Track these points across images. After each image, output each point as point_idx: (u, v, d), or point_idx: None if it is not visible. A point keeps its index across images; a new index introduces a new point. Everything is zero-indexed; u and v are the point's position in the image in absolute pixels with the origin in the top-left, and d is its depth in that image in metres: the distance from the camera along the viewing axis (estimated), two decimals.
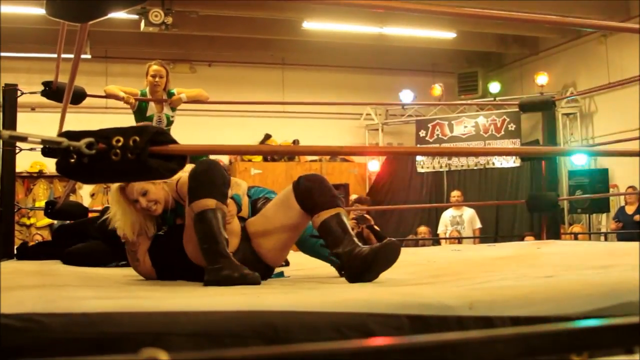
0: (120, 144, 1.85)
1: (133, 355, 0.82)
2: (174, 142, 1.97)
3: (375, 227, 6.81)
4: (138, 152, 1.84)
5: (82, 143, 1.82)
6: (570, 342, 1.09)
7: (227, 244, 2.79)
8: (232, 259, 2.72)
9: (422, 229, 11.04)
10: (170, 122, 6.06)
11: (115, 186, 3.20)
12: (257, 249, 2.99)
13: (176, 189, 3.21)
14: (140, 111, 5.92)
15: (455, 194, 11.13)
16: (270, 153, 3.01)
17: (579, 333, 1.12)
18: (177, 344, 1.43)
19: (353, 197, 10.73)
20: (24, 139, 1.74)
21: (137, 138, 1.86)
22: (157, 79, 5.93)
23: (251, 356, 0.87)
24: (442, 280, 2.54)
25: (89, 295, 2.03)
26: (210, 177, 2.88)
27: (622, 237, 9.86)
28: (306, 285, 2.61)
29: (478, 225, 10.87)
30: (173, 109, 6.11)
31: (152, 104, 5.94)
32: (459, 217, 10.83)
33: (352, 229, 6.30)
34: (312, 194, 2.89)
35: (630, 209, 10.71)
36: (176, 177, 3.22)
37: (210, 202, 2.80)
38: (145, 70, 6.02)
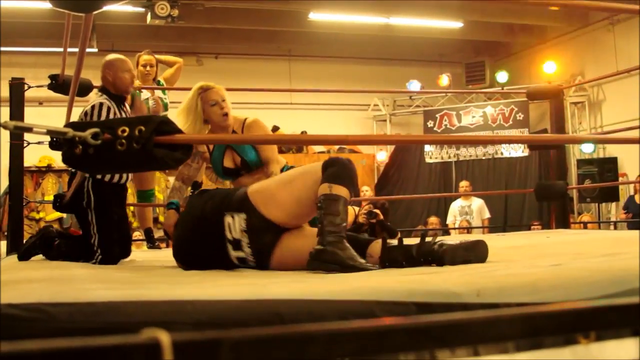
0: (125, 134, 1.85)
1: (134, 336, 0.82)
2: (180, 131, 1.98)
3: (386, 222, 6.74)
4: (143, 142, 1.84)
5: (88, 133, 1.82)
6: (575, 322, 1.09)
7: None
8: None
9: (433, 220, 11.03)
10: (166, 105, 6.10)
11: (196, 87, 3.69)
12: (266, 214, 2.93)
13: (245, 124, 3.70)
14: (133, 99, 5.94)
15: (464, 184, 11.12)
16: (277, 142, 3.01)
17: (584, 313, 1.11)
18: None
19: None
20: (29, 129, 1.75)
21: (143, 128, 1.86)
22: (148, 68, 6.02)
23: (251, 337, 0.86)
24: (449, 268, 2.53)
25: (96, 286, 2.03)
26: (354, 174, 2.93)
27: (633, 227, 9.77)
28: (313, 274, 2.61)
29: (487, 215, 10.85)
30: (164, 92, 6.17)
31: (144, 90, 6.02)
32: (468, 207, 10.81)
33: (363, 224, 6.25)
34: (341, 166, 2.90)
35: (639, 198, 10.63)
36: (243, 116, 3.73)
37: (347, 194, 2.84)
38: (135, 60, 6.09)
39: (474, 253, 2.79)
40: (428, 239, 2.83)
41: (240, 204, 2.91)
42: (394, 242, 2.85)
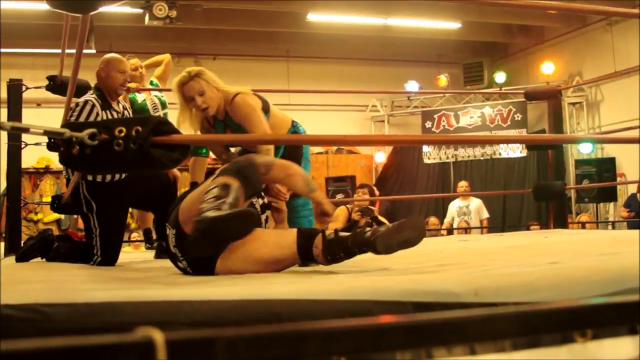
0: (122, 134, 1.85)
1: (129, 335, 0.82)
2: (177, 132, 1.97)
3: (380, 218, 6.73)
4: (140, 142, 1.84)
5: (85, 134, 1.82)
6: (571, 320, 1.09)
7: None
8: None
9: (433, 220, 11.02)
10: (164, 104, 6.07)
11: (176, 80, 3.55)
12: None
13: (231, 103, 3.56)
14: (132, 103, 5.92)
15: (463, 185, 11.10)
16: (274, 142, 3.00)
17: (581, 311, 1.11)
18: None
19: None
20: (26, 130, 1.74)
21: (140, 128, 1.86)
22: (139, 70, 5.98)
23: (246, 335, 0.86)
24: (447, 268, 2.53)
25: (93, 287, 2.03)
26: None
27: (633, 226, 9.72)
28: (311, 274, 2.61)
29: (485, 215, 10.84)
30: (160, 91, 6.16)
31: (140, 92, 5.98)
32: (466, 207, 10.80)
33: (358, 221, 6.22)
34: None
35: None
36: (235, 89, 3.60)
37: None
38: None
39: (409, 230, 2.65)
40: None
41: (174, 220, 2.79)
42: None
